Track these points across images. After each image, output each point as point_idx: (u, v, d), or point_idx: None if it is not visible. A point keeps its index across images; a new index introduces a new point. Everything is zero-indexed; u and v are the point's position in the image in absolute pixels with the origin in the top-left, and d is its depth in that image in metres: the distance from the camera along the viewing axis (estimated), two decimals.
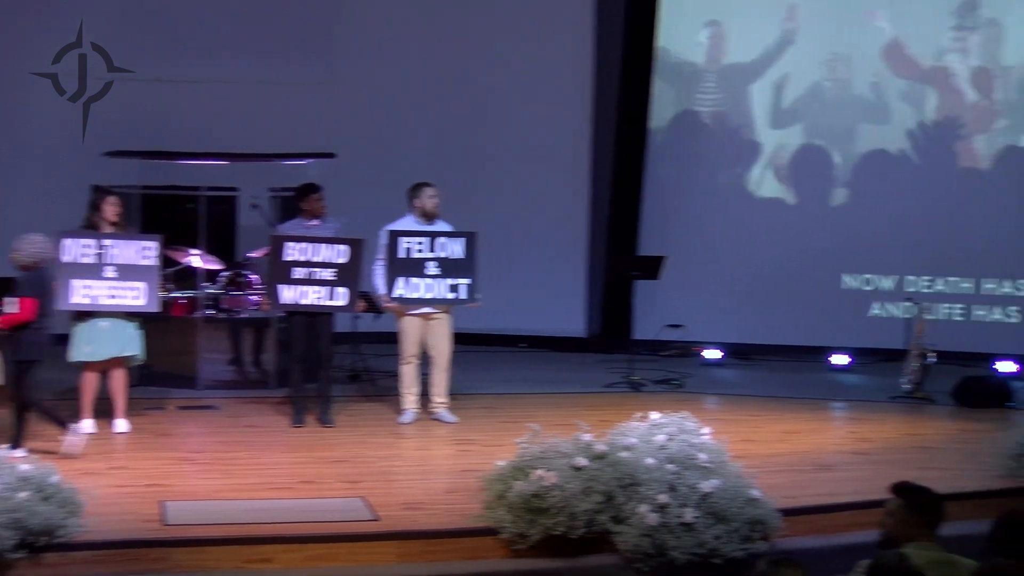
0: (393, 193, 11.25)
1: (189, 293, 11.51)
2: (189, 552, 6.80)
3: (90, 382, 9.59)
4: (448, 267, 10.08)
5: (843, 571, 5.44)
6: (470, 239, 10.17)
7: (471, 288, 10.13)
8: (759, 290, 14.09)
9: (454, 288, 10.09)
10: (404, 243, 10.04)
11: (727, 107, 14.38)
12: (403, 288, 10.02)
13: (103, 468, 8.44)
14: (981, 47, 13.82)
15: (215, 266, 11.61)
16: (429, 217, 10.23)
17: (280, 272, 9.88)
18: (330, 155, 12.40)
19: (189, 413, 10.54)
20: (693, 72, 14.42)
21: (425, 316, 10.17)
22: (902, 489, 5.64)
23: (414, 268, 10.03)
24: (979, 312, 13.88)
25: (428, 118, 14.26)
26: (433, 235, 10.12)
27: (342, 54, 14.24)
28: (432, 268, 10.05)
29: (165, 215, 12.23)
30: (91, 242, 9.51)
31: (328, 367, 10.24)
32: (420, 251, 10.05)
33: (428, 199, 10.21)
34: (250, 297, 11.44)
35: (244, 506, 7.56)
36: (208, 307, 11.45)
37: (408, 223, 10.24)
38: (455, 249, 10.11)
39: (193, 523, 7.15)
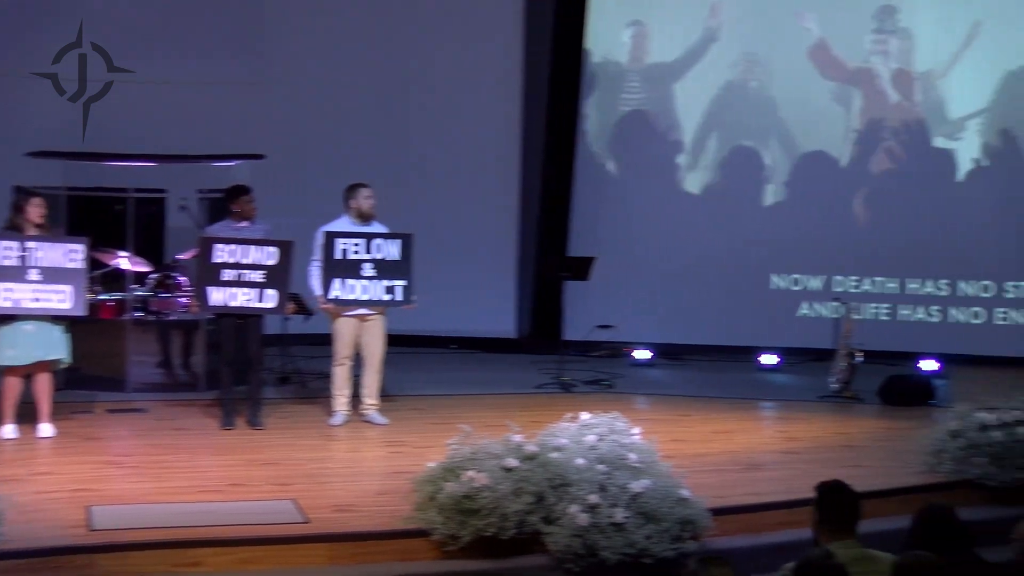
0: (323, 194, 11.22)
1: (117, 295, 11.40)
2: (115, 557, 6.67)
3: (12, 386, 9.42)
4: (384, 268, 10.03)
5: (772, 569, 5.48)
6: (406, 241, 10.13)
7: (407, 290, 10.09)
8: (688, 291, 14.17)
9: (390, 290, 10.05)
10: (340, 244, 9.98)
11: (653, 107, 14.45)
12: (339, 289, 9.96)
13: (26, 474, 8.30)
14: (899, 51, 14.00)
15: (143, 268, 11.51)
16: (365, 218, 10.17)
17: (209, 274, 9.78)
18: (259, 156, 12.32)
19: (117, 416, 10.39)
20: (618, 72, 14.49)
21: (360, 317, 10.12)
22: (819, 488, 5.72)
23: (350, 269, 9.97)
24: (904, 312, 14.04)
25: (357, 119, 14.20)
26: (369, 236, 10.06)
27: (271, 54, 14.11)
28: (368, 269, 9.99)
29: (92, 217, 12.12)
30: (13, 244, 9.30)
31: (258, 369, 10.14)
32: (356, 252, 9.99)
33: (364, 200, 10.16)
34: (179, 299, 11.35)
35: (173, 509, 7.46)
36: (137, 309, 11.34)
37: (344, 224, 10.17)
38: (391, 251, 10.06)
39: (120, 528, 7.05)
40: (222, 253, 9.76)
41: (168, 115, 13.52)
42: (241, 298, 9.80)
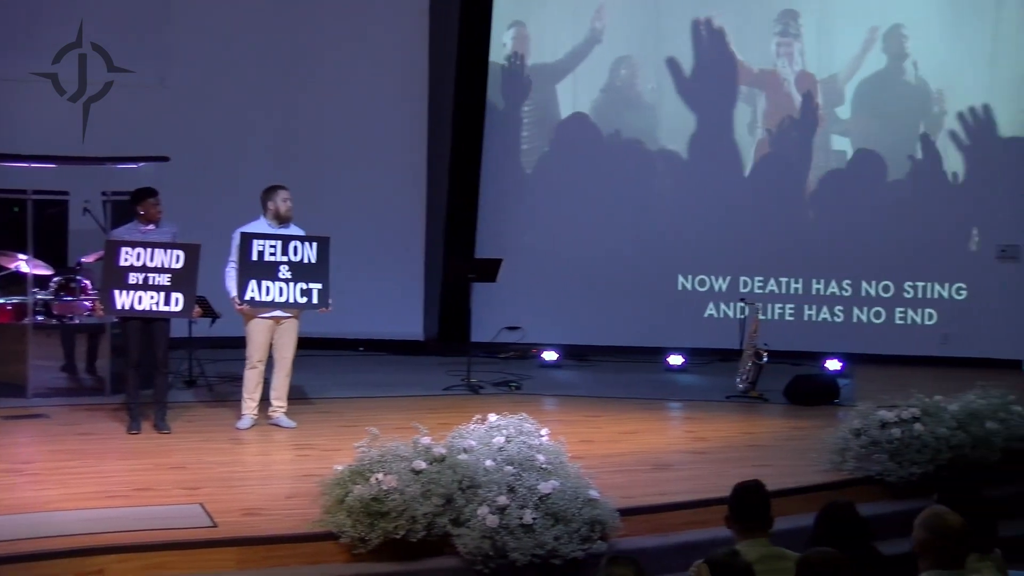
0: (228, 197, 11.11)
1: (17, 299, 11.18)
2: (12, 570, 6.46)
3: None
4: (300, 271, 9.96)
5: (681, 568, 5.51)
6: (323, 244, 10.05)
7: (323, 293, 10.03)
8: (595, 292, 14.27)
9: (306, 292, 9.98)
10: (257, 246, 9.88)
11: (550, 109, 14.53)
12: (255, 291, 9.86)
13: None
14: (802, 55, 14.17)
15: (45, 271, 11.31)
16: (282, 220, 10.09)
17: (115, 277, 9.65)
18: (164, 159, 12.16)
19: (17, 423, 10.16)
20: (516, 75, 14.53)
21: (275, 320, 10.05)
22: (736, 488, 5.79)
23: (267, 271, 9.88)
24: (808, 312, 14.22)
25: (263, 121, 14.12)
26: (286, 239, 9.98)
27: (174, 56, 13.95)
28: (285, 271, 9.91)
29: None
30: None
31: (164, 373, 10.03)
32: (273, 254, 9.91)
33: (282, 202, 10.08)
34: (83, 302, 11.18)
35: (75, 516, 7.30)
36: (38, 313, 11.14)
37: (261, 226, 10.08)
38: (308, 253, 9.99)
39: (15, 538, 6.81)
40: (128, 256, 9.65)
41: (70, 117, 13.33)
42: (147, 301, 9.68)
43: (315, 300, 10.03)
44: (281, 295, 9.94)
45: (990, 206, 13.96)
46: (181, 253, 9.75)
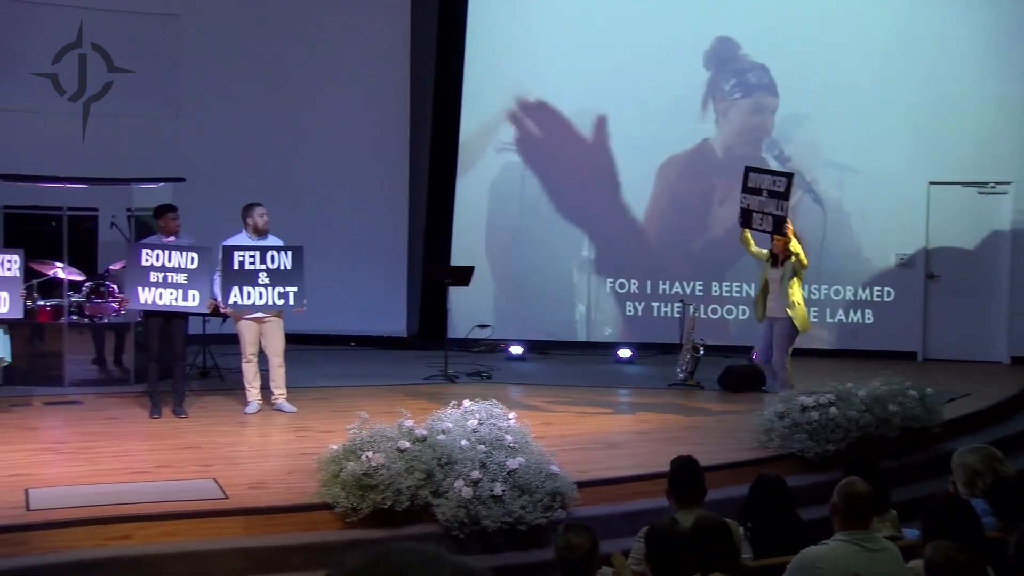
0: (236, 211, 11.05)
1: (54, 301, 11.13)
2: (50, 534, 6.48)
3: None
4: (277, 277, 9.94)
5: (629, 533, 5.50)
6: (297, 252, 10.04)
7: (298, 295, 10.00)
8: (553, 293, 14.26)
9: (282, 295, 9.96)
10: (237, 256, 9.88)
11: (517, 134, 14.46)
12: (237, 296, 9.86)
13: None
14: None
15: (78, 277, 11.25)
16: (260, 233, 10.09)
17: (138, 276, 9.64)
18: (180, 179, 12.11)
19: (54, 408, 10.13)
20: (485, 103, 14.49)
21: (258, 320, 10.02)
22: (673, 463, 5.80)
23: (247, 278, 9.87)
24: (741, 310, 14.22)
25: (263, 145, 14.11)
26: (264, 249, 9.97)
27: (186, 93, 13.90)
28: (263, 278, 9.90)
29: (29, 232, 11.84)
30: None
31: (182, 365, 10.00)
32: (252, 263, 9.89)
33: (259, 217, 10.09)
34: (111, 304, 11.12)
35: (105, 490, 7.26)
36: (72, 313, 11.08)
37: (242, 239, 10.10)
38: (284, 261, 9.97)
39: (55, 507, 6.83)
40: (149, 257, 9.65)
41: (101, 144, 13.26)
42: (167, 297, 9.68)
43: (291, 301, 10.00)
44: (261, 298, 9.92)
45: (892, 224, 13.97)
46: (195, 255, 9.76)
